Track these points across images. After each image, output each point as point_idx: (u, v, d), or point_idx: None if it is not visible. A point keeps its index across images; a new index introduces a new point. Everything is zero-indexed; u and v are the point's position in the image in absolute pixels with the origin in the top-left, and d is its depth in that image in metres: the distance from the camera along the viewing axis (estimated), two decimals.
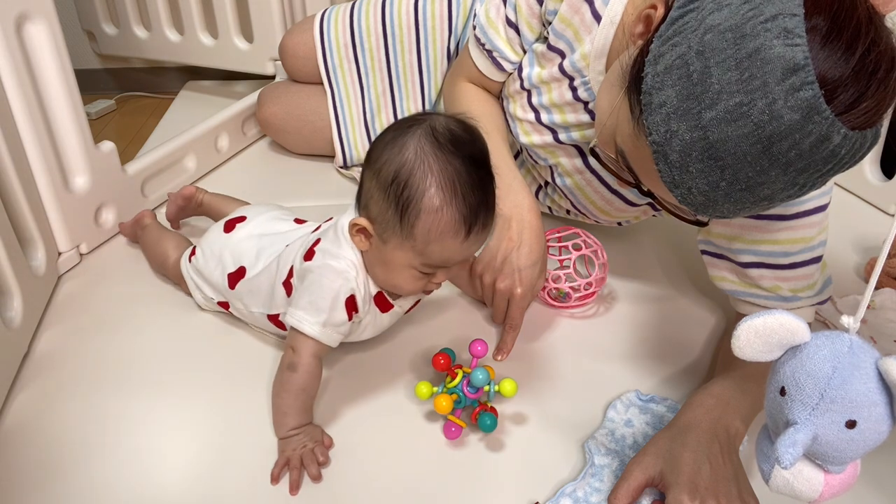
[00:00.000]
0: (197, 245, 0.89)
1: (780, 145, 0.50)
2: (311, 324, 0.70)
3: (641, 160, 0.61)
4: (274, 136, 1.37)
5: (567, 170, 0.92)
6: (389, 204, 0.65)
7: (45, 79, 0.92)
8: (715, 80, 0.51)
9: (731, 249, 0.79)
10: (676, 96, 0.53)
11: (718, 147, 0.52)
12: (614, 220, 0.97)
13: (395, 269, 0.70)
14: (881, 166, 1.22)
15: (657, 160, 0.56)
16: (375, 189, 0.66)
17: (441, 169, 0.63)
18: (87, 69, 1.78)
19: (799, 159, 0.51)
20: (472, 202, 0.64)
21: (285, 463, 0.69)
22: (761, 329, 0.46)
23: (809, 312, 0.79)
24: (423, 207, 0.64)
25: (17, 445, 0.73)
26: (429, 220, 0.64)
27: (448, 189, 0.63)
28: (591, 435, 0.74)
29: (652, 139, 0.56)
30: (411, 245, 0.66)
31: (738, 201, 0.55)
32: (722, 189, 0.54)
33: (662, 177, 0.57)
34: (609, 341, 0.89)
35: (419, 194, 0.63)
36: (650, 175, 0.60)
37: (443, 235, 0.65)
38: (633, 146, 0.61)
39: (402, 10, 1.18)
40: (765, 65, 0.49)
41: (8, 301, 0.83)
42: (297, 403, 0.71)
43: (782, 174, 0.52)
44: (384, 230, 0.67)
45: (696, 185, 0.55)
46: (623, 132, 0.62)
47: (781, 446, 0.44)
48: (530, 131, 0.92)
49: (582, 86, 0.84)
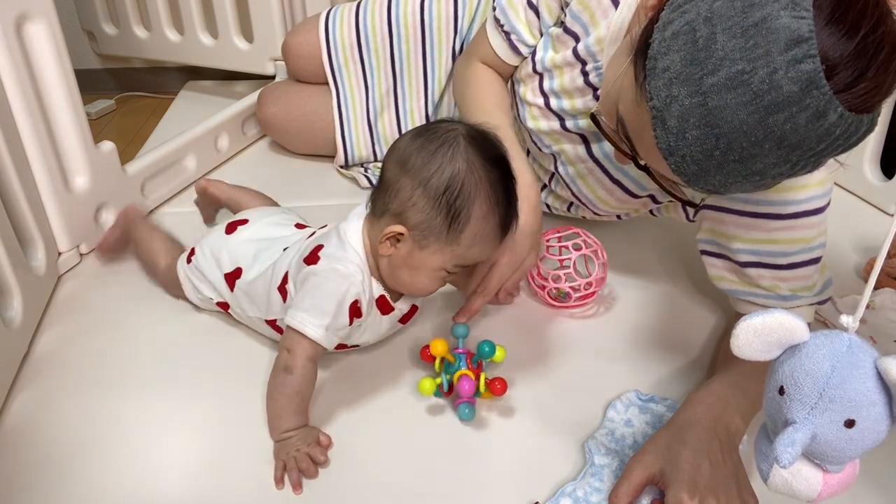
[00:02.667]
0: (196, 245, 0.88)
1: (776, 117, 0.50)
2: (314, 326, 0.70)
3: (640, 128, 0.61)
4: (274, 137, 1.37)
5: (570, 158, 0.92)
6: (440, 212, 0.68)
7: (45, 79, 0.92)
8: (719, 47, 0.51)
9: (730, 249, 0.79)
10: (681, 61, 0.53)
11: (716, 114, 0.52)
12: (614, 213, 0.97)
13: (423, 271, 0.72)
14: (881, 166, 1.22)
15: (655, 126, 0.56)
16: (421, 198, 0.68)
17: (487, 178, 0.68)
18: (87, 69, 1.79)
19: (793, 133, 0.51)
20: (507, 209, 0.70)
21: (283, 468, 0.69)
22: (760, 328, 0.46)
23: (809, 312, 0.79)
24: (472, 214, 0.68)
25: (16, 445, 0.73)
26: (476, 227, 0.69)
27: (493, 198, 0.69)
28: (591, 435, 0.74)
29: (652, 104, 0.56)
30: (452, 249, 0.69)
31: (730, 173, 0.55)
32: (715, 158, 0.54)
33: (659, 143, 0.57)
34: (609, 341, 0.89)
35: (471, 201, 0.68)
36: (647, 144, 0.60)
37: (484, 239, 0.70)
38: (634, 113, 0.61)
39: (408, 11, 1.19)
40: (769, 34, 0.49)
41: (8, 301, 0.83)
42: (292, 406, 0.71)
43: (776, 148, 0.52)
44: (426, 237, 0.69)
45: (690, 153, 0.55)
46: (625, 99, 0.62)
47: (780, 446, 0.44)
48: (538, 116, 0.93)
49: (594, 71, 0.84)
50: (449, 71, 1.19)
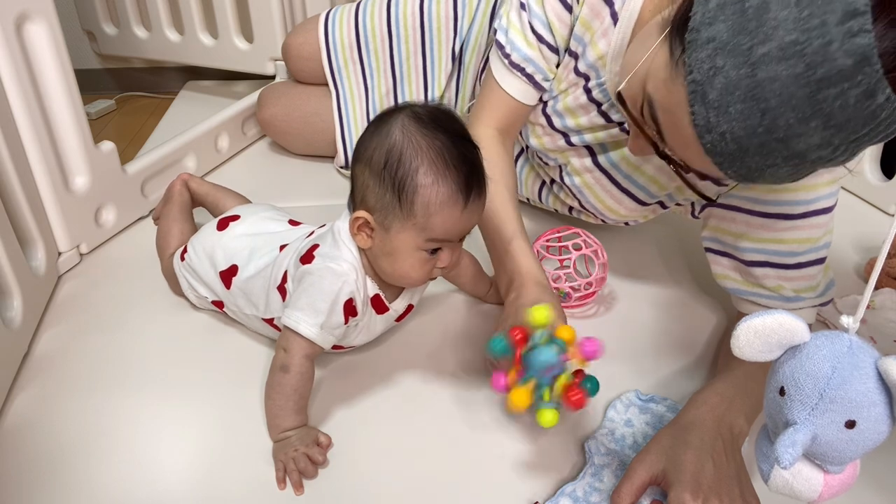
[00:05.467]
0: (188, 243, 0.88)
1: (827, 92, 0.48)
2: (308, 325, 0.70)
3: (671, 108, 0.58)
4: (274, 137, 1.37)
5: (576, 169, 0.92)
6: (386, 187, 0.67)
7: (45, 79, 0.92)
8: (772, 16, 0.49)
9: (736, 247, 0.79)
10: (727, 31, 0.52)
11: (765, 86, 0.50)
12: (621, 220, 0.96)
13: (401, 255, 0.70)
14: (881, 166, 1.22)
15: (693, 101, 0.54)
16: (369, 178, 0.68)
17: (429, 145, 0.66)
18: (87, 69, 1.79)
19: (841, 112, 0.49)
20: (464, 172, 0.67)
21: (283, 469, 0.69)
22: (761, 329, 0.46)
23: (811, 313, 0.79)
24: (419, 182, 0.66)
25: (16, 445, 0.73)
26: (427, 194, 0.66)
27: (440, 162, 0.66)
28: (592, 435, 0.74)
29: (692, 77, 0.54)
30: (413, 223, 0.67)
31: (770, 154, 0.53)
32: (758, 136, 0.52)
33: (696, 120, 0.55)
34: (609, 341, 0.87)
35: (413, 170, 0.66)
36: (676, 126, 0.58)
37: (442, 206, 0.67)
38: (666, 92, 0.58)
39: (408, 11, 1.18)
40: (825, 4, 0.47)
41: (8, 301, 0.83)
42: (290, 405, 0.71)
43: (822, 127, 0.50)
44: (385, 216, 0.68)
45: (731, 130, 0.53)
46: (656, 78, 0.60)
47: (781, 446, 0.44)
48: (542, 135, 0.92)
49: (597, 87, 0.83)
50: (449, 72, 1.19)
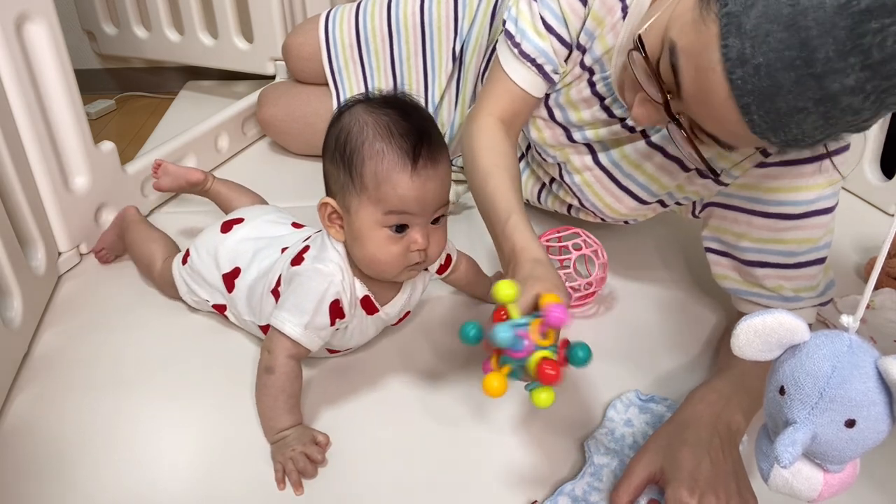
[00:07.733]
0: (191, 246, 0.88)
1: (868, 25, 0.47)
2: (292, 325, 0.70)
3: (698, 49, 0.56)
4: (274, 137, 1.37)
5: (576, 167, 0.92)
6: (339, 167, 0.69)
7: (45, 79, 0.92)
8: None
9: (736, 247, 0.79)
10: None
11: (808, 14, 0.48)
12: (621, 219, 0.95)
13: (365, 236, 0.69)
14: (881, 166, 1.22)
15: (727, 34, 0.52)
16: (328, 164, 0.71)
17: (376, 120, 0.68)
18: (87, 69, 1.79)
19: (879, 50, 0.48)
20: (412, 139, 0.67)
21: (282, 469, 0.69)
22: (761, 328, 0.46)
23: (811, 313, 0.79)
24: (365, 154, 0.67)
25: (16, 445, 0.73)
26: (373, 164, 0.67)
27: (384, 132, 0.67)
28: (591, 434, 0.74)
29: (727, 10, 0.52)
30: (367, 196, 0.68)
31: (802, 94, 0.51)
32: (795, 69, 0.50)
33: (728, 53, 0.52)
34: (609, 341, 0.89)
35: (359, 144, 0.67)
36: (700, 70, 0.56)
37: (389, 173, 0.66)
38: (694, 34, 0.56)
39: (408, 11, 1.18)
40: None
41: (8, 301, 0.83)
42: (279, 405, 0.71)
43: (859, 66, 0.49)
44: (343, 197, 0.70)
45: (767, 62, 0.51)
46: (682, 21, 0.58)
47: (780, 445, 0.44)
48: (542, 127, 0.92)
49: (601, 80, 0.83)
50: (449, 72, 1.19)
